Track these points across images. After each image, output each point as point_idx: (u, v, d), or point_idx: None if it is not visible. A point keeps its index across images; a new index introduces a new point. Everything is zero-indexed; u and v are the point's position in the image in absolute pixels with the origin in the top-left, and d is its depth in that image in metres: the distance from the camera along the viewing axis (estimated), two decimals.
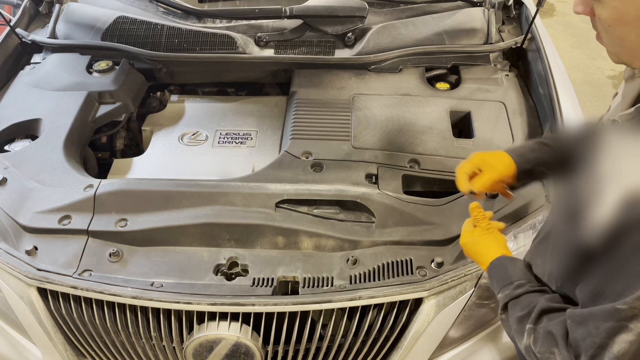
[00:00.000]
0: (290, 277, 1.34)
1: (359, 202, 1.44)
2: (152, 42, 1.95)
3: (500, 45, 1.95)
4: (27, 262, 1.34)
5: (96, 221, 1.42)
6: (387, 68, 1.92)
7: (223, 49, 1.93)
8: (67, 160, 1.58)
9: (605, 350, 0.75)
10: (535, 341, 0.87)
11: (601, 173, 0.79)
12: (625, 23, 0.76)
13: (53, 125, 1.70)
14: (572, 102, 1.70)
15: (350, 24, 1.94)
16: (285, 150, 1.61)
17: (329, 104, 1.78)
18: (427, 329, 1.32)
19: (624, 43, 0.79)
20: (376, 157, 1.58)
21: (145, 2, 2.15)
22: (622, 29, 0.78)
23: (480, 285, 1.33)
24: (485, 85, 1.85)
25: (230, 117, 1.92)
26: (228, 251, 1.39)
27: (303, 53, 1.96)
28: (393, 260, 1.35)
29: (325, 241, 1.39)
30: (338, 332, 1.33)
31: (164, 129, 1.88)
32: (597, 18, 0.80)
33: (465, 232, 1.13)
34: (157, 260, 1.37)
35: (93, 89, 1.83)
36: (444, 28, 1.97)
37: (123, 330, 1.33)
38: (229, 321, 1.28)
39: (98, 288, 1.30)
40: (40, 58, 2.03)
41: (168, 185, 1.49)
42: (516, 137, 1.66)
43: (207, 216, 1.41)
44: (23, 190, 1.50)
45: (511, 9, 2.14)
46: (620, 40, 0.79)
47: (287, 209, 1.44)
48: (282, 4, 1.98)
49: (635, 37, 0.77)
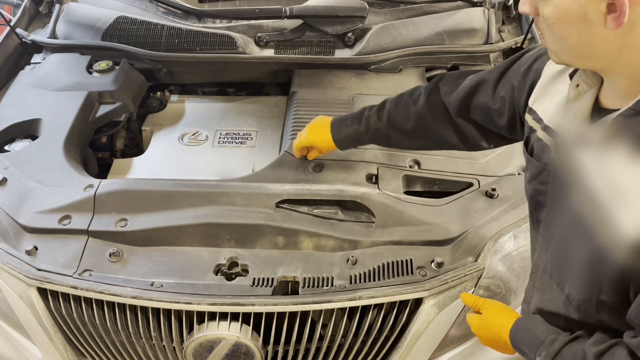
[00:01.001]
0: (290, 277, 1.34)
1: (359, 202, 1.44)
2: (152, 42, 1.95)
3: (500, 45, 1.95)
4: (27, 262, 1.34)
5: (96, 221, 1.42)
6: (387, 68, 1.92)
7: (223, 49, 1.93)
8: (67, 160, 1.58)
9: None
10: None
11: (602, 187, 0.80)
12: (567, 21, 0.76)
13: (53, 125, 1.70)
14: None
15: (350, 24, 1.94)
16: (285, 150, 1.61)
17: (329, 104, 1.78)
18: (427, 329, 1.32)
19: (566, 42, 0.79)
20: (376, 157, 1.58)
21: (145, 2, 2.15)
22: (564, 27, 0.77)
23: (481, 286, 1.33)
24: None
25: (230, 117, 1.92)
26: (228, 251, 1.39)
27: (303, 53, 1.96)
28: (393, 260, 1.35)
29: (325, 241, 1.39)
30: (338, 332, 1.33)
31: (164, 129, 1.88)
32: (541, 17, 0.80)
33: (474, 323, 1.11)
34: (157, 260, 1.37)
35: (93, 89, 1.83)
36: (444, 28, 1.97)
37: (123, 330, 1.33)
38: (229, 321, 1.28)
39: (98, 288, 1.29)
40: (40, 58, 2.02)
41: (168, 185, 1.49)
42: None
43: (207, 216, 1.41)
44: (23, 190, 1.50)
45: (511, 9, 2.14)
46: (562, 39, 0.79)
47: (287, 209, 1.44)
48: (282, 4, 1.98)
49: (576, 36, 0.77)
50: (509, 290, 1.39)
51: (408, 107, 1.32)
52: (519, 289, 1.40)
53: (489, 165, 1.56)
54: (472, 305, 1.14)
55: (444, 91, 1.27)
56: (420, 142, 1.37)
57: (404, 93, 1.35)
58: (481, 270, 1.32)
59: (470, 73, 1.26)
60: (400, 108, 1.33)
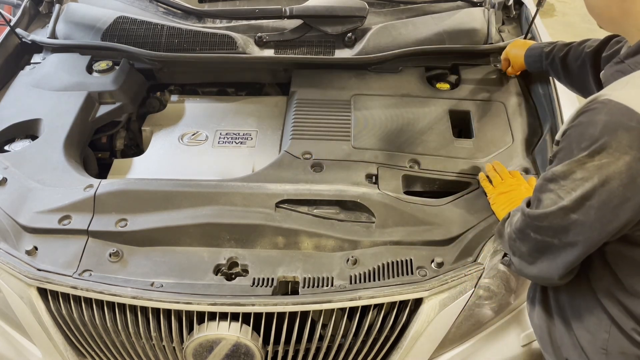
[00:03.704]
0: (290, 277, 1.34)
1: (359, 202, 1.44)
2: (152, 42, 1.95)
3: (500, 45, 1.95)
4: (27, 262, 1.34)
5: (96, 221, 1.42)
6: (387, 68, 1.92)
7: (223, 49, 1.93)
8: (67, 160, 1.58)
9: None
10: None
11: None
12: None
13: (53, 125, 1.70)
14: (572, 102, 1.70)
15: (350, 24, 1.94)
16: (285, 150, 1.61)
17: (329, 104, 1.78)
18: (427, 329, 1.32)
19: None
20: (376, 157, 1.58)
21: (145, 2, 2.15)
22: None
23: (481, 286, 1.33)
24: (485, 86, 1.85)
25: (230, 117, 1.92)
26: (228, 251, 1.39)
27: (303, 53, 1.95)
28: (393, 260, 1.35)
29: (325, 241, 1.39)
30: (338, 332, 1.33)
31: (164, 129, 1.88)
32: None
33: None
34: (157, 260, 1.37)
35: (93, 89, 1.83)
36: (444, 28, 1.97)
37: (123, 330, 1.33)
38: (229, 321, 1.28)
39: (98, 288, 1.30)
40: (40, 58, 2.02)
41: (168, 185, 1.49)
42: (516, 137, 1.66)
43: (207, 216, 1.41)
44: (23, 190, 1.50)
45: (511, 9, 2.14)
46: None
47: (287, 209, 1.44)
48: (282, 4, 1.98)
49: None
50: (509, 290, 1.39)
51: (584, 49, 1.50)
52: (519, 289, 1.41)
53: None
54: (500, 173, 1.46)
55: None
56: (570, 80, 1.59)
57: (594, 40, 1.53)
58: (481, 270, 1.32)
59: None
60: (580, 47, 1.52)
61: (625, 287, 1.02)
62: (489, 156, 1.60)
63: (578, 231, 0.97)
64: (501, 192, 1.40)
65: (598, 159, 0.91)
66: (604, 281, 1.05)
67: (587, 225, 0.95)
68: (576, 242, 0.98)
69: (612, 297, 1.04)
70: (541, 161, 1.55)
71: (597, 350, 1.07)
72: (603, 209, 0.92)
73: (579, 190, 0.94)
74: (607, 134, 0.89)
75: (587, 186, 0.93)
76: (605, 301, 1.05)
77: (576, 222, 0.96)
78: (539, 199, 1.03)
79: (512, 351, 1.43)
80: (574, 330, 1.11)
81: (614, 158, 0.89)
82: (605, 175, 0.90)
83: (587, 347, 1.08)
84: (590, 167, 0.92)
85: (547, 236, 1.02)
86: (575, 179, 0.94)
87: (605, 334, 1.06)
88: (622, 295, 1.03)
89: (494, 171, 1.48)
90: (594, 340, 1.07)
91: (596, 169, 0.91)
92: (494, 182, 1.45)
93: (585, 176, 0.92)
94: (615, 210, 0.92)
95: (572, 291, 1.11)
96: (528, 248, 1.08)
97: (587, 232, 0.96)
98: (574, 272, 1.06)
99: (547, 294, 1.19)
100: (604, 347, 1.06)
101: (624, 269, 1.02)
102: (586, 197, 0.93)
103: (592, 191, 0.92)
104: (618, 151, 0.89)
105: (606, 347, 1.06)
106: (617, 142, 0.88)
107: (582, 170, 0.93)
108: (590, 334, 1.08)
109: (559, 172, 0.97)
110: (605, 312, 1.05)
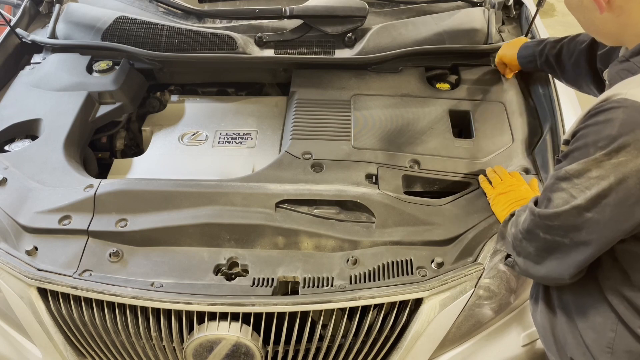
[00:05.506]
0: (290, 277, 1.34)
1: (359, 202, 1.44)
2: (152, 42, 1.95)
3: (500, 45, 1.95)
4: (27, 262, 1.34)
5: (96, 221, 1.42)
6: (387, 68, 1.92)
7: (223, 49, 1.93)
8: (67, 161, 1.58)
9: None
10: None
11: None
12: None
13: (53, 125, 1.70)
14: (572, 102, 1.70)
15: (350, 24, 1.94)
16: (285, 150, 1.61)
17: (329, 104, 1.78)
18: (427, 329, 1.32)
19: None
20: (376, 157, 1.58)
21: (145, 2, 2.15)
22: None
23: (481, 286, 1.33)
24: (485, 86, 1.85)
25: (230, 117, 1.92)
26: (228, 251, 1.39)
27: (303, 53, 1.95)
28: (393, 260, 1.35)
29: (325, 241, 1.39)
30: (338, 332, 1.33)
31: (164, 129, 1.88)
32: None
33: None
34: (157, 260, 1.38)
35: (93, 89, 1.83)
36: (444, 28, 1.96)
37: (123, 331, 1.33)
38: (229, 321, 1.28)
39: (98, 288, 1.30)
40: (40, 58, 2.02)
41: (168, 185, 1.49)
42: (516, 137, 1.66)
43: (207, 216, 1.41)
44: (23, 190, 1.50)
45: (511, 9, 2.14)
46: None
47: (287, 209, 1.44)
48: (282, 4, 1.98)
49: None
50: (509, 290, 1.39)
51: (576, 46, 1.52)
52: (519, 288, 1.41)
53: (489, 165, 1.56)
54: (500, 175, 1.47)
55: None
56: (565, 77, 1.60)
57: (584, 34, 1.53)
58: (481, 271, 1.32)
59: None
60: (572, 44, 1.54)
61: (635, 285, 1.02)
62: (489, 156, 1.60)
63: (592, 230, 0.97)
64: (501, 193, 1.40)
65: (616, 157, 0.91)
66: (612, 279, 1.05)
67: (602, 223, 0.96)
68: (589, 240, 0.98)
69: (620, 295, 1.04)
70: (541, 161, 1.55)
71: (603, 349, 1.07)
72: (619, 207, 0.93)
73: (594, 188, 0.94)
74: (625, 132, 0.90)
75: (603, 184, 0.93)
76: (612, 299, 1.05)
77: (590, 220, 0.96)
78: (549, 198, 1.03)
79: (512, 351, 1.43)
80: (579, 328, 1.11)
81: (631, 156, 0.90)
82: (622, 174, 0.91)
83: (592, 345, 1.08)
84: (607, 165, 0.92)
85: (557, 235, 1.02)
86: (591, 177, 0.95)
87: (611, 332, 1.05)
88: (630, 293, 1.02)
89: (493, 172, 1.48)
90: (599, 339, 1.07)
91: (613, 167, 0.92)
92: (493, 183, 1.45)
93: (602, 174, 0.93)
94: (631, 208, 0.93)
95: (577, 289, 1.11)
96: (535, 248, 1.08)
97: (601, 231, 0.97)
98: (584, 271, 1.06)
99: (551, 293, 1.19)
100: (609, 346, 1.06)
101: (634, 267, 1.02)
102: (602, 195, 0.94)
103: (609, 189, 0.93)
104: (636, 149, 0.90)
105: (612, 346, 1.06)
106: (636, 140, 0.89)
107: (598, 169, 0.94)
108: (596, 332, 1.08)
109: (573, 171, 0.97)
110: (612, 311, 1.05)
